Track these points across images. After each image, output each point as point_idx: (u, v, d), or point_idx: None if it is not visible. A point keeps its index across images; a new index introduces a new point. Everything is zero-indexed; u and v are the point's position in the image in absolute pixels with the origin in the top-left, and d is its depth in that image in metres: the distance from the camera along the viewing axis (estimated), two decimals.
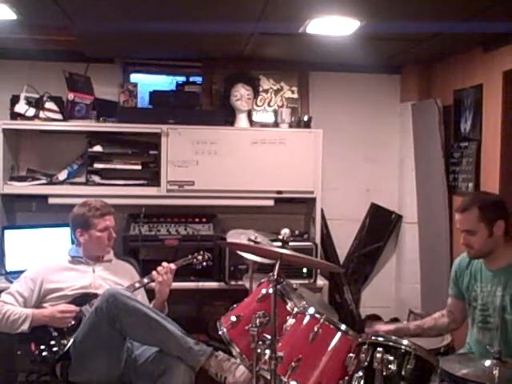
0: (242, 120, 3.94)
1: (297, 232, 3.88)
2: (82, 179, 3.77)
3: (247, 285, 3.20)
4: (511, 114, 3.23)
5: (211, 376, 2.81)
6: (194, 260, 3.38)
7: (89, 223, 3.12)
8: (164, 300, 3.15)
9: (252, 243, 3.06)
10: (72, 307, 2.97)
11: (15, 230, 3.69)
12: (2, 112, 3.74)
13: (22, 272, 3.16)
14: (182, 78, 4.11)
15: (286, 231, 2.69)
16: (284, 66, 4.12)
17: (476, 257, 2.66)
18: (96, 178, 3.73)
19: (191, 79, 4.12)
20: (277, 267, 2.27)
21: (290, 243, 2.67)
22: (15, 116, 3.64)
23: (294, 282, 2.93)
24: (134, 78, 4.11)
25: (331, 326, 2.34)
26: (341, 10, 2.81)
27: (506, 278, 2.54)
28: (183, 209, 3.84)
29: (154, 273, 3.13)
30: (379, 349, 2.11)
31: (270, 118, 4.09)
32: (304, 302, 2.53)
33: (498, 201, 2.65)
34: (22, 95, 3.62)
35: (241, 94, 3.90)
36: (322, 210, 3.96)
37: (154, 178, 3.74)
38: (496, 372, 2.04)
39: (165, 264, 3.17)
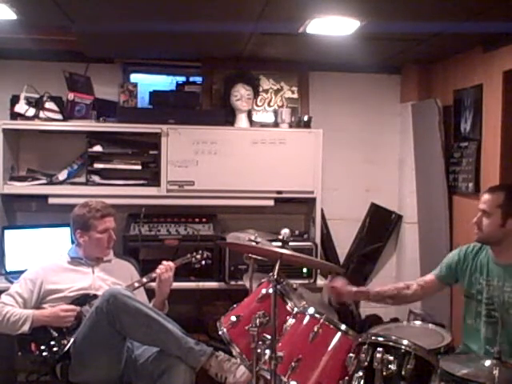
0: (241, 120, 3.94)
1: (297, 232, 3.87)
2: (82, 179, 3.77)
3: (247, 285, 3.20)
4: (511, 114, 3.23)
5: (211, 376, 2.81)
6: (193, 259, 3.39)
7: (89, 224, 3.12)
8: (164, 299, 3.16)
9: (252, 243, 3.06)
10: (72, 307, 2.97)
11: (15, 230, 3.69)
12: (2, 112, 3.74)
13: (22, 272, 3.16)
14: (182, 78, 4.12)
15: (286, 231, 2.69)
16: (284, 66, 4.12)
17: (480, 240, 2.65)
18: (96, 178, 3.73)
19: (191, 79, 4.13)
20: (277, 267, 2.27)
21: (290, 243, 2.67)
22: (15, 116, 3.64)
23: (294, 282, 2.93)
24: (134, 77, 4.11)
25: (331, 326, 2.34)
26: (341, 10, 2.81)
27: None
28: (183, 209, 3.84)
29: (157, 271, 3.13)
30: (379, 349, 2.11)
31: (270, 118, 4.09)
32: (304, 302, 2.53)
33: None
34: (22, 95, 3.62)
35: (241, 94, 3.89)
36: (322, 210, 3.96)
37: (154, 178, 3.74)
38: (496, 372, 2.04)
39: (165, 262, 3.17)
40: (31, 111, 3.61)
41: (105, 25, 3.08)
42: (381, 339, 2.19)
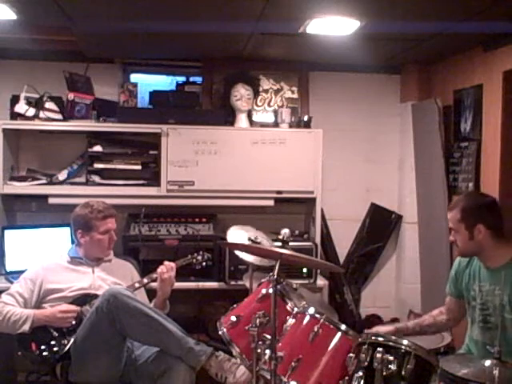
0: (241, 120, 3.94)
1: (297, 232, 3.87)
2: (82, 179, 3.77)
3: (247, 285, 3.20)
4: (511, 114, 3.24)
5: (211, 376, 2.81)
6: (194, 260, 3.38)
7: (90, 225, 3.12)
8: (166, 298, 3.15)
9: (252, 243, 3.06)
10: (73, 307, 2.96)
11: (15, 230, 3.69)
12: (2, 112, 3.74)
13: (22, 272, 3.16)
14: (182, 78, 4.11)
15: (286, 231, 2.69)
16: (284, 66, 4.12)
17: (461, 255, 2.71)
18: (96, 178, 3.73)
19: (191, 79, 4.13)
20: (277, 267, 2.27)
21: (290, 243, 2.67)
22: (15, 116, 3.64)
23: (294, 282, 2.93)
24: (134, 77, 4.11)
25: (331, 326, 2.34)
26: (341, 10, 2.81)
27: (504, 277, 2.54)
28: (183, 209, 3.84)
29: (158, 271, 3.13)
30: (379, 349, 2.10)
31: (270, 118, 4.09)
32: (304, 302, 2.52)
33: (483, 205, 2.62)
34: (22, 95, 3.62)
35: (241, 93, 3.89)
36: (322, 210, 3.96)
37: (154, 178, 3.74)
38: (496, 372, 2.04)
39: (166, 263, 3.17)
40: (31, 111, 3.61)
41: (105, 25, 3.08)
42: (381, 339, 2.19)
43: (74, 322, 2.92)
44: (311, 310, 2.40)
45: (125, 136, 3.85)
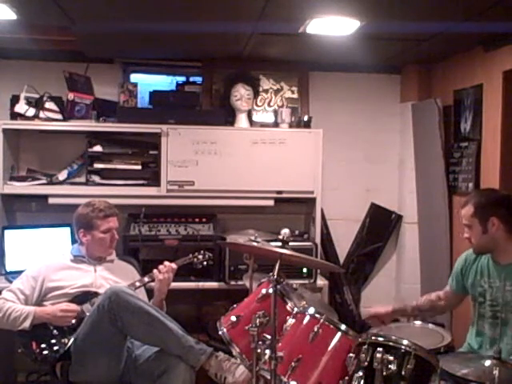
0: (241, 120, 3.94)
1: (297, 232, 3.88)
2: (82, 179, 3.78)
3: (247, 285, 3.20)
4: (511, 114, 3.24)
5: (211, 377, 2.81)
6: (195, 259, 3.38)
7: (92, 224, 3.12)
8: (162, 299, 3.16)
9: (252, 243, 3.06)
10: (73, 306, 2.96)
11: (15, 230, 3.69)
12: (2, 112, 3.74)
13: (21, 272, 3.15)
14: (182, 78, 4.12)
15: (285, 231, 2.68)
16: (284, 66, 4.12)
17: (476, 251, 2.71)
18: (96, 178, 3.73)
19: (191, 79, 4.13)
20: (277, 267, 2.27)
21: (290, 243, 2.67)
22: (15, 116, 3.64)
23: (294, 282, 2.93)
24: (134, 77, 4.11)
25: (331, 326, 2.33)
26: (341, 10, 2.81)
27: None
28: (183, 209, 3.84)
29: (155, 271, 3.14)
30: (379, 349, 2.10)
31: (270, 118, 4.09)
32: (304, 302, 2.52)
33: (496, 199, 2.67)
34: (22, 95, 3.62)
35: (241, 94, 3.90)
36: (321, 210, 3.96)
37: (154, 178, 3.74)
38: (496, 372, 2.04)
39: (166, 263, 3.17)
40: (31, 111, 3.61)
41: (105, 25, 3.08)
42: (381, 339, 2.19)
43: (74, 321, 2.92)
44: (311, 310, 2.40)
45: (125, 136, 3.85)
